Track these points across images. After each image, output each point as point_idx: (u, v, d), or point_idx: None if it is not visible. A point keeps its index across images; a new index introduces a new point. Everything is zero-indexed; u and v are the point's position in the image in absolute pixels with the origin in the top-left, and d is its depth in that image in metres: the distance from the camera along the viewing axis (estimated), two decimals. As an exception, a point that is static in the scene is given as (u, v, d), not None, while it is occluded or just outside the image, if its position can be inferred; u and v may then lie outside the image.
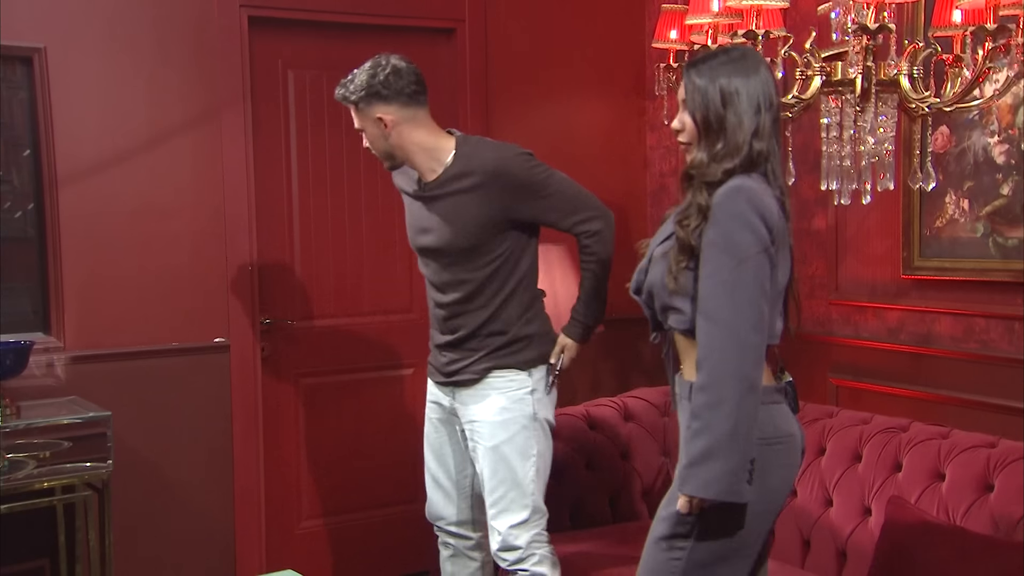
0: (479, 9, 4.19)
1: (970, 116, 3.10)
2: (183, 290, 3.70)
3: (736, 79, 2.11)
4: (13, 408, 3.19)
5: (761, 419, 2.06)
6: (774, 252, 2.05)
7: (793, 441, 2.15)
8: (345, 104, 2.89)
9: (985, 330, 3.20)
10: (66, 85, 3.49)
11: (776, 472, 2.10)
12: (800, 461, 2.19)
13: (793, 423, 2.18)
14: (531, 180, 2.85)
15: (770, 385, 2.15)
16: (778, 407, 2.15)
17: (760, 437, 2.06)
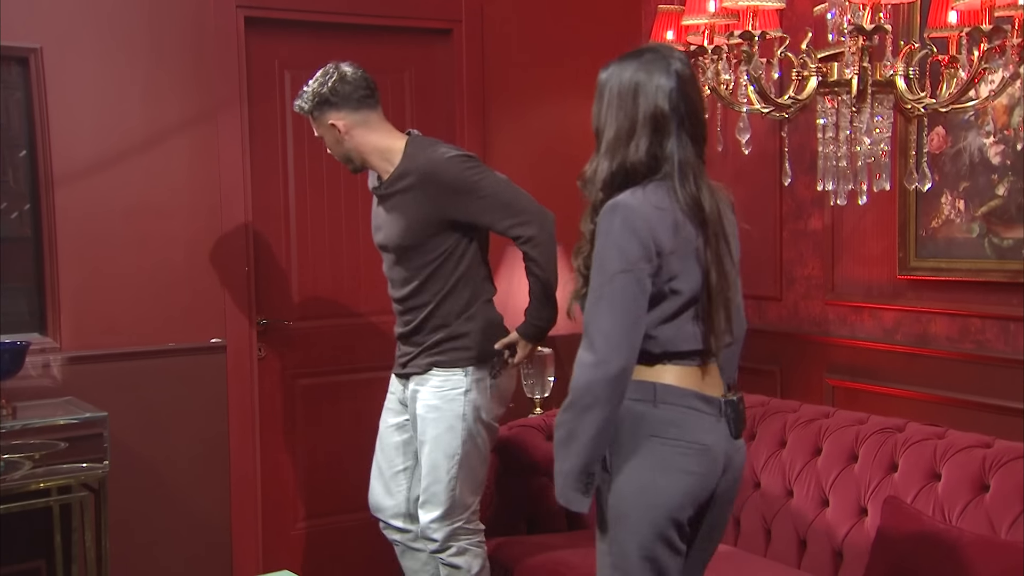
0: (476, 10, 4.19)
1: (966, 117, 3.11)
2: (179, 290, 3.70)
3: (625, 80, 2.10)
4: (9, 409, 3.19)
5: (668, 419, 2.09)
6: (652, 267, 2.04)
7: (705, 452, 2.10)
8: (302, 115, 3.09)
9: (981, 330, 3.20)
10: (62, 85, 3.48)
11: (672, 473, 2.08)
12: (714, 472, 2.12)
13: (713, 437, 2.12)
14: (463, 182, 2.94)
15: (691, 390, 2.12)
16: (699, 415, 2.12)
17: (661, 436, 2.08)
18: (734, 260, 2.20)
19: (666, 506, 2.08)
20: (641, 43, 4.38)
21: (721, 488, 2.16)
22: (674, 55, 2.14)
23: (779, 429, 3.21)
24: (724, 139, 2.78)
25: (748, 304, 4.02)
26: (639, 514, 2.09)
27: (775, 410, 3.31)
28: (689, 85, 2.12)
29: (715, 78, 2.54)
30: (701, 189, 2.12)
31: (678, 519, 2.10)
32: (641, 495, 2.09)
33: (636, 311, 2.04)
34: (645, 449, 2.09)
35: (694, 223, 2.10)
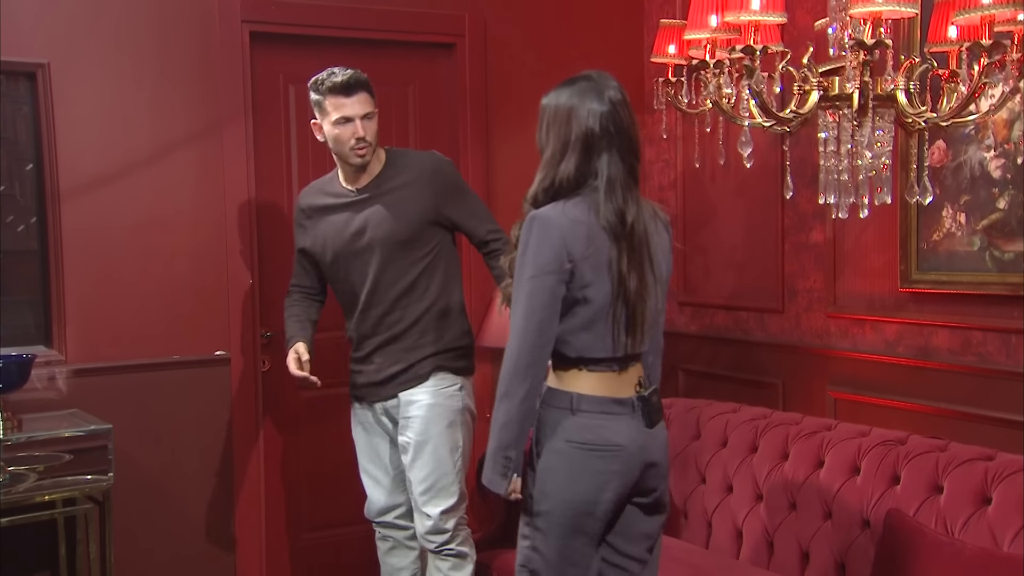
0: (479, 24, 4.22)
1: (966, 131, 3.12)
2: (184, 303, 3.71)
3: (561, 104, 2.35)
4: (15, 421, 3.20)
5: (584, 425, 2.32)
6: (564, 273, 2.25)
7: (619, 452, 2.32)
8: (361, 88, 3.14)
9: (982, 343, 3.21)
10: (69, 100, 3.51)
11: (586, 477, 2.30)
12: (632, 468, 2.34)
13: (626, 436, 2.33)
14: (458, 182, 3.27)
15: (606, 396, 2.34)
16: (611, 417, 2.33)
17: (578, 442, 2.31)
18: (656, 275, 2.38)
19: (583, 504, 2.31)
20: (644, 58, 4.45)
21: (650, 475, 2.39)
22: (609, 83, 2.37)
23: (781, 442, 3.22)
24: (726, 153, 2.79)
25: (750, 317, 4.07)
26: (559, 512, 2.32)
27: (777, 423, 3.31)
28: (621, 109, 2.34)
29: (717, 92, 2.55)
30: (628, 203, 2.31)
31: (595, 514, 2.32)
32: (560, 496, 2.31)
33: (546, 312, 2.26)
34: (564, 454, 2.32)
35: (612, 235, 2.29)
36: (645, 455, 2.37)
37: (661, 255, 2.41)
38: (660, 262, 2.40)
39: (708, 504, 3.34)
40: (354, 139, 3.10)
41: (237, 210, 3.80)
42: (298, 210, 3.33)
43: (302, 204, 3.31)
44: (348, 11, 3.97)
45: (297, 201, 3.36)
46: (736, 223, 4.14)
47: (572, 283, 2.27)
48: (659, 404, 2.45)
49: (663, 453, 2.44)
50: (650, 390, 2.42)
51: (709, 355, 4.29)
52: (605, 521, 2.36)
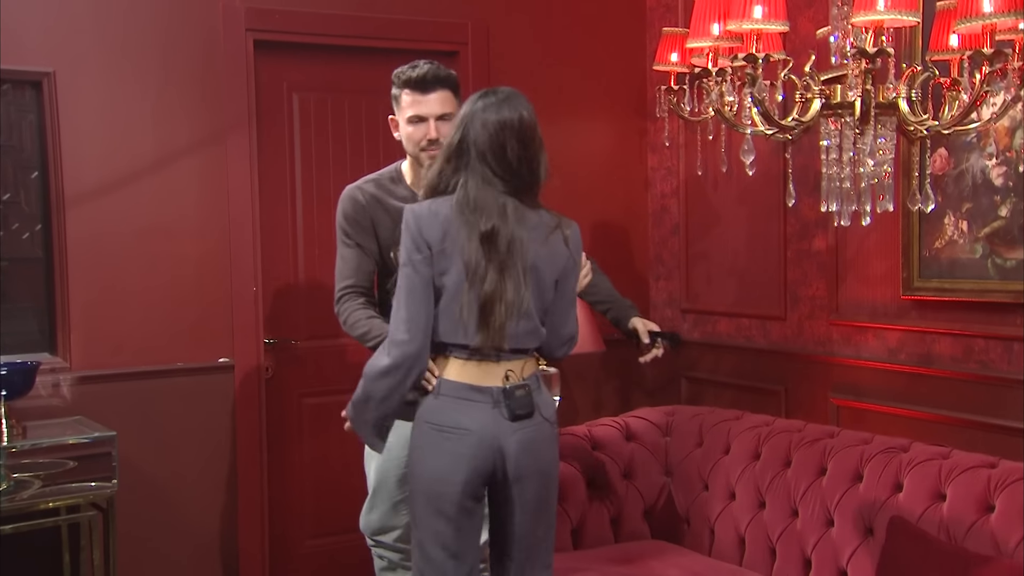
0: (482, 32, 4.23)
1: (968, 139, 3.13)
2: (188, 310, 3.73)
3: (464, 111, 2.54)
4: (19, 428, 3.21)
5: (440, 408, 2.49)
6: (423, 256, 2.45)
7: (468, 435, 2.47)
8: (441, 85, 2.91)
9: (985, 350, 3.21)
10: (74, 108, 3.53)
11: (440, 456, 2.47)
12: (484, 454, 2.47)
13: (480, 422, 2.47)
14: None
15: (465, 383, 2.49)
16: (469, 404, 2.48)
17: (435, 423, 2.49)
18: (526, 279, 2.48)
19: (436, 482, 2.47)
20: (646, 66, 4.46)
21: (509, 467, 2.49)
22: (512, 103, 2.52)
23: (784, 449, 3.22)
24: (728, 160, 2.80)
25: (753, 324, 4.08)
26: (420, 489, 2.50)
27: (780, 430, 3.31)
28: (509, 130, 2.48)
29: (719, 100, 2.56)
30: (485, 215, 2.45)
31: (448, 494, 2.46)
32: (420, 474, 2.51)
33: (417, 295, 2.46)
34: (423, 434, 2.51)
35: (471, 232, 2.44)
36: (497, 443, 2.47)
37: (542, 261, 2.51)
38: (536, 270, 2.50)
39: (711, 511, 3.34)
40: (426, 140, 2.87)
41: (241, 217, 3.81)
42: (357, 206, 2.95)
43: (362, 200, 2.95)
44: (352, 20, 3.99)
45: (352, 197, 2.97)
46: (738, 230, 4.15)
47: (432, 267, 2.46)
48: (527, 400, 2.51)
49: (523, 450, 2.50)
50: (513, 385, 2.50)
51: (712, 362, 4.30)
52: (459, 504, 2.47)
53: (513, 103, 2.52)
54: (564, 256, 2.57)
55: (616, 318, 3.27)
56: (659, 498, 3.48)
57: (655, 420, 3.62)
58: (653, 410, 3.71)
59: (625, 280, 4.54)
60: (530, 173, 2.52)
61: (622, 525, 3.44)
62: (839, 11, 2.45)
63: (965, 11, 2.10)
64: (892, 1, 2.10)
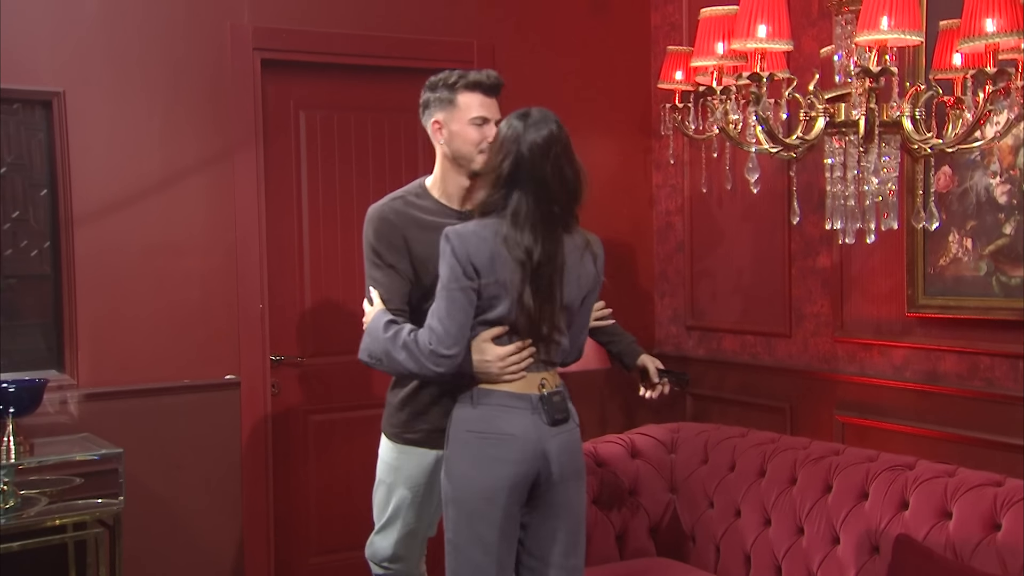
0: (487, 51, 4.26)
1: (972, 157, 3.14)
2: (195, 328, 3.74)
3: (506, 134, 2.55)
4: (27, 445, 3.22)
5: (481, 416, 2.54)
6: (472, 283, 2.48)
7: (513, 440, 2.52)
8: (495, 89, 2.87)
9: (990, 368, 3.21)
10: (83, 127, 3.55)
11: (486, 463, 2.52)
12: (528, 458, 2.52)
13: (521, 428, 2.53)
14: None
15: (504, 391, 2.55)
16: (509, 410, 2.54)
17: (476, 431, 2.53)
18: (564, 302, 2.56)
19: (484, 490, 2.51)
20: (651, 84, 4.48)
21: (554, 470, 2.55)
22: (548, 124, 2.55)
23: (789, 466, 3.22)
24: (733, 178, 2.82)
25: (757, 341, 4.08)
26: (462, 497, 2.54)
27: (785, 447, 3.31)
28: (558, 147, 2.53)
29: (724, 118, 2.58)
30: (536, 238, 2.49)
31: (497, 501, 2.51)
32: (463, 482, 2.54)
33: (463, 311, 2.50)
34: (465, 443, 2.54)
35: (518, 262, 2.48)
36: (540, 447, 2.53)
37: (574, 282, 2.58)
38: (570, 290, 2.57)
39: (716, 529, 3.33)
40: (486, 142, 2.77)
41: (247, 235, 3.83)
42: (388, 224, 2.81)
43: (392, 218, 2.81)
44: (358, 39, 4.01)
45: (381, 216, 2.82)
46: (743, 248, 4.16)
47: (480, 294, 2.50)
48: (563, 405, 2.61)
49: (563, 451, 2.58)
50: (552, 391, 2.59)
51: (716, 379, 4.30)
52: (505, 510, 2.52)
53: (551, 121, 2.57)
54: (592, 276, 2.66)
55: (619, 353, 3.19)
56: (664, 515, 3.48)
57: (660, 437, 3.61)
58: (658, 427, 3.71)
59: (630, 297, 4.56)
60: (578, 189, 2.58)
61: (627, 542, 3.43)
62: (843, 30, 2.47)
63: (968, 31, 2.11)
64: (896, 21, 2.12)
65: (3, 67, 3.41)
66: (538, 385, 2.59)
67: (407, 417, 2.91)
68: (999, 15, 2.05)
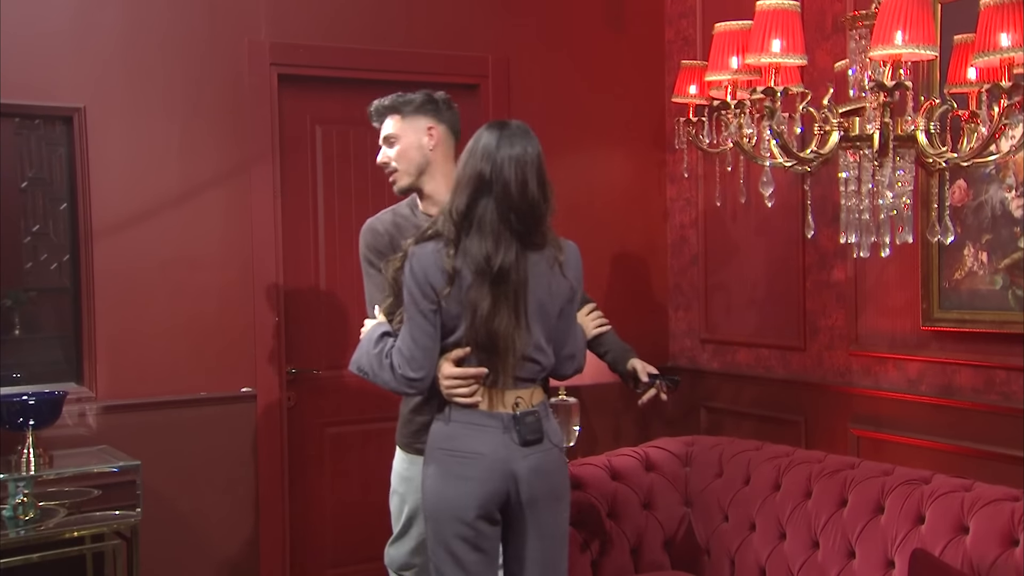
0: (502, 65, 4.28)
1: (987, 171, 3.14)
2: (211, 341, 3.76)
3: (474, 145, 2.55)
4: (46, 457, 3.24)
5: (452, 433, 2.54)
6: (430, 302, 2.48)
7: (480, 459, 2.51)
8: (386, 112, 2.96)
9: (1006, 382, 3.20)
10: (103, 142, 3.59)
11: (453, 480, 2.52)
12: (496, 478, 2.51)
13: (491, 447, 2.52)
14: None
15: (480, 411, 2.53)
16: (480, 429, 2.53)
17: (446, 448, 2.54)
18: (530, 317, 2.52)
19: (451, 507, 2.51)
20: (665, 98, 4.50)
21: (523, 491, 2.53)
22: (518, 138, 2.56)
23: (804, 480, 3.21)
24: (747, 192, 2.82)
25: (772, 354, 4.08)
26: (433, 513, 2.55)
27: (800, 460, 3.30)
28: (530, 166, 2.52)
29: (738, 132, 2.59)
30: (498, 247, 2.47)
31: (464, 518, 2.50)
32: (434, 497, 2.55)
33: (427, 333, 2.50)
34: (436, 459, 2.55)
35: (478, 274, 2.46)
36: (508, 467, 2.52)
37: (544, 295, 2.55)
38: (539, 304, 2.55)
39: (730, 542, 3.33)
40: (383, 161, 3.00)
41: (264, 249, 3.86)
42: (376, 235, 2.93)
43: (380, 228, 2.94)
44: (374, 54, 4.05)
45: (372, 228, 2.96)
46: (757, 261, 4.16)
47: (441, 312, 2.49)
48: (537, 426, 2.56)
49: (535, 472, 2.54)
50: (523, 411, 2.55)
51: (731, 392, 4.29)
52: (475, 528, 2.51)
53: (529, 138, 2.58)
54: (565, 286, 2.62)
55: (613, 359, 3.18)
56: (679, 529, 3.47)
57: (675, 450, 3.61)
58: (673, 440, 3.70)
59: (644, 310, 4.56)
60: (542, 208, 2.54)
61: (642, 556, 3.43)
62: (857, 45, 2.48)
63: (983, 45, 2.12)
64: (910, 35, 2.13)
65: (25, 83, 3.45)
66: (512, 404, 2.56)
67: (417, 427, 2.93)
68: (1014, 30, 2.06)
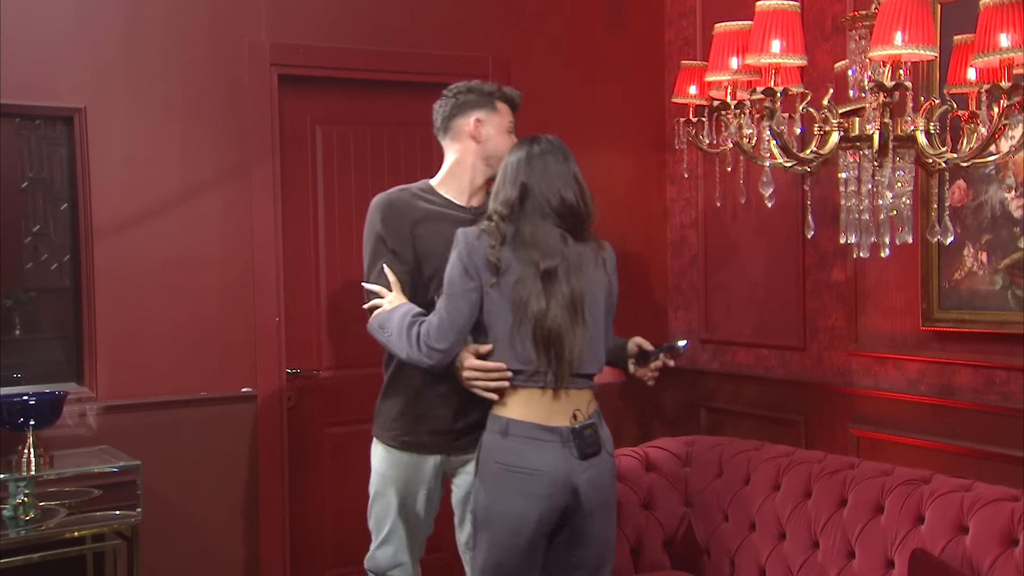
0: (502, 66, 4.29)
1: (986, 171, 3.14)
2: (212, 341, 3.77)
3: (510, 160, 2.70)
4: (46, 457, 3.25)
5: (511, 448, 2.54)
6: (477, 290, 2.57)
7: (542, 476, 2.53)
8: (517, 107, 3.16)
9: (1005, 382, 3.21)
10: (103, 142, 3.59)
11: (513, 495, 2.53)
12: (557, 493, 2.54)
13: (551, 462, 2.54)
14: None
15: (535, 423, 2.55)
16: (540, 444, 2.54)
17: (504, 463, 2.55)
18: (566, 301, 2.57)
19: (509, 521, 2.53)
20: (665, 98, 4.50)
21: (583, 505, 2.57)
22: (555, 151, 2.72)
23: (804, 480, 3.21)
24: (747, 192, 2.83)
25: (772, 354, 4.08)
26: (490, 528, 2.56)
27: (800, 461, 3.31)
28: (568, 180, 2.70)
29: (738, 133, 2.60)
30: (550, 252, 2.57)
31: (523, 533, 2.52)
32: (491, 513, 2.56)
33: (464, 310, 2.56)
34: (495, 475, 2.56)
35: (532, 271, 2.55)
36: (569, 481, 2.55)
37: (597, 292, 2.67)
38: (597, 298, 2.66)
39: (730, 543, 3.33)
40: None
41: (264, 249, 3.86)
42: (396, 212, 2.89)
43: (401, 207, 2.89)
44: (374, 54, 4.05)
45: (388, 201, 2.91)
46: (757, 261, 4.17)
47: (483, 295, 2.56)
48: (595, 438, 2.61)
49: (593, 486, 2.59)
50: (582, 424, 2.59)
51: (731, 392, 4.30)
52: (529, 540, 2.54)
53: (566, 153, 2.72)
54: (607, 282, 2.73)
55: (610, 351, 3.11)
56: (679, 529, 3.47)
57: (675, 450, 3.61)
58: (672, 440, 3.71)
59: (644, 310, 4.57)
60: (587, 215, 2.70)
61: (642, 556, 3.43)
62: (857, 45, 2.48)
63: (982, 45, 2.12)
64: (910, 35, 2.13)
65: (26, 83, 3.45)
66: (570, 416, 2.59)
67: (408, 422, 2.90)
68: (1013, 30, 2.06)
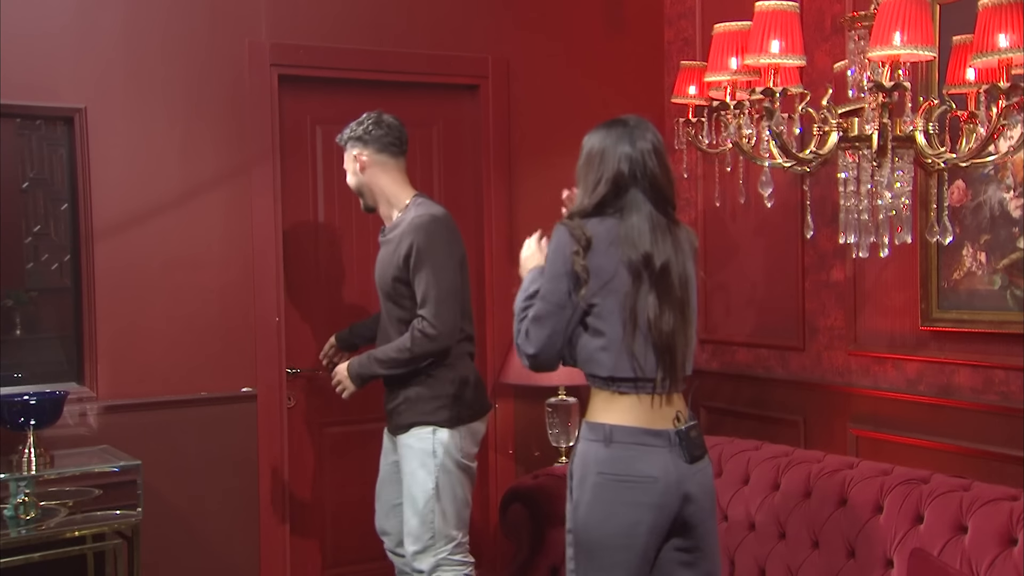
0: (502, 66, 4.29)
1: (985, 171, 3.15)
2: (212, 341, 3.77)
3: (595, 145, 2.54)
4: (47, 457, 3.25)
5: (617, 456, 2.37)
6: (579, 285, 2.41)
7: (654, 483, 2.36)
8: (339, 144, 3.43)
9: (1005, 382, 3.21)
10: (104, 143, 3.60)
11: (623, 507, 2.36)
12: (668, 500, 2.38)
13: (661, 468, 2.38)
14: (426, 252, 3.16)
15: (640, 427, 2.39)
16: (648, 449, 2.38)
17: (611, 473, 2.37)
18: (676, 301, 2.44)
19: (618, 535, 2.35)
20: (664, 99, 4.50)
21: (690, 511, 2.41)
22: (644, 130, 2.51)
23: (803, 479, 3.22)
24: (746, 192, 2.83)
25: (771, 354, 4.08)
26: (598, 543, 2.37)
27: (799, 460, 3.31)
28: (649, 157, 2.49)
29: (737, 133, 2.60)
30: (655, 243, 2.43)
31: (634, 547, 2.36)
32: (599, 529, 2.37)
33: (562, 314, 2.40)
34: (599, 485, 2.37)
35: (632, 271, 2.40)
36: (682, 487, 2.39)
37: (692, 278, 2.53)
38: (692, 285, 2.51)
39: (730, 542, 3.34)
40: None
41: (264, 249, 3.86)
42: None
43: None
44: (374, 55, 4.05)
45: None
46: (757, 261, 4.17)
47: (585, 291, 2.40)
48: (700, 440, 2.47)
49: (704, 491, 2.45)
50: (687, 425, 2.45)
51: (730, 392, 4.30)
52: (642, 555, 2.38)
53: (648, 127, 2.54)
54: (693, 266, 2.57)
55: None
56: (679, 528, 3.48)
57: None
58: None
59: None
60: (672, 194, 2.54)
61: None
62: (856, 45, 2.49)
63: (981, 46, 2.13)
64: (908, 36, 2.14)
65: (26, 83, 3.46)
66: (673, 419, 2.43)
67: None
68: (1012, 30, 2.07)
